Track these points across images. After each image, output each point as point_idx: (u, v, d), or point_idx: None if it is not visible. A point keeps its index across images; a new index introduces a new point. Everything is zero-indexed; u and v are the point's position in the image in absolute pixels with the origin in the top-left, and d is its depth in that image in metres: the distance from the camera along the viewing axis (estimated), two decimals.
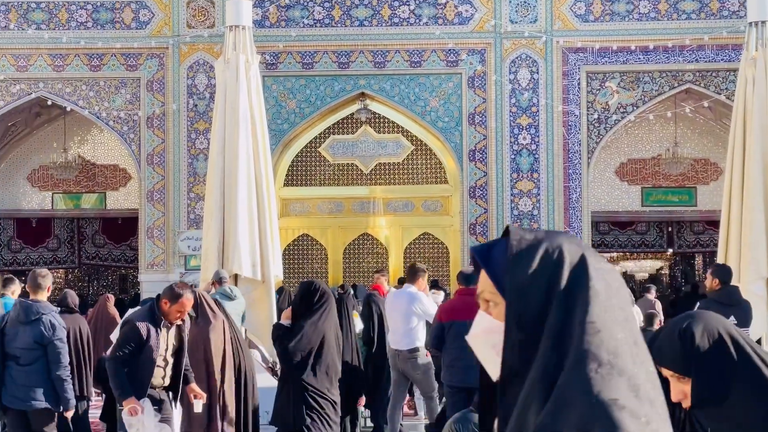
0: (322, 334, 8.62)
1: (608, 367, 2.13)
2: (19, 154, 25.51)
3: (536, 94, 22.03)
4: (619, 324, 2.19)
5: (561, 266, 2.22)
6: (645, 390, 2.15)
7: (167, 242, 22.09)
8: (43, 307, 8.79)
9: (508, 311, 2.30)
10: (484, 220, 22.15)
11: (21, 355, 8.61)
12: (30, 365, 8.60)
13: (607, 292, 2.21)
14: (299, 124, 22.64)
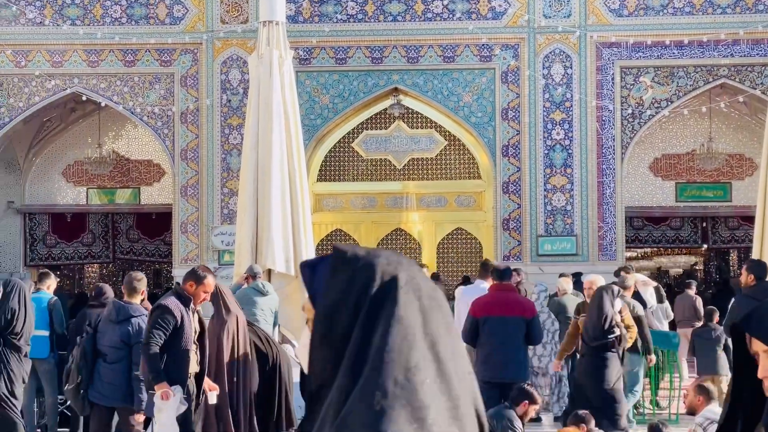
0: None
1: (392, 398, 2.05)
2: (55, 149, 25.69)
3: (570, 89, 21.92)
4: (421, 351, 2.11)
5: (369, 288, 2.16)
6: (435, 421, 2.06)
7: (201, 237, 22.18)
8: (135, 310, 9.01)
9: (315, 328, 2.26)
10: (518, 215, 22.08)
11: (108, 352, 8.85)
12: (115, 363, 8.83)
13: (413, 318, 2.13)
14: (332, 119, 22.66)
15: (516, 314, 9.98)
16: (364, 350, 2.14)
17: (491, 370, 9.99)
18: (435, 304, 2.19)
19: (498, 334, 9.93)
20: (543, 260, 21.76)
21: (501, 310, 10.03)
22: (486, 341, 10.02)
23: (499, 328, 9.95)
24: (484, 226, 24.09)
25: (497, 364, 9.94)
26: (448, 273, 24.24)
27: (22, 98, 22.46)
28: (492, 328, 9.98)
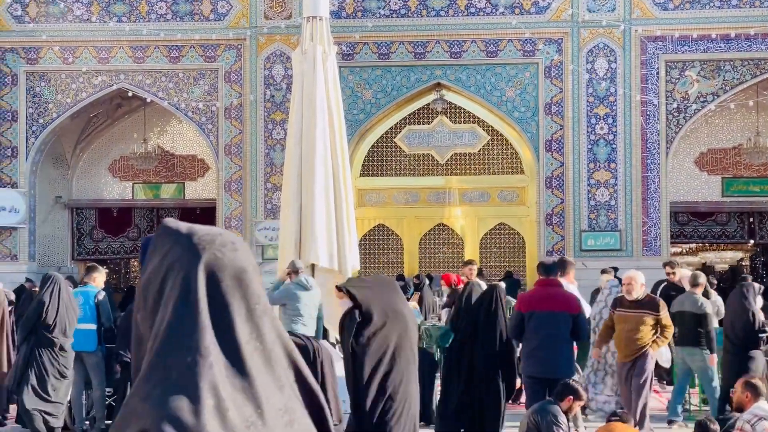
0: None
1: (175, 379, 2.03)
2: (101, 144, 25.95)
3: (614, 83, 21.81)
4: (210, 333, 2.07)
5: (175, 265, 2.14)
6: (220, 405, 2.03)
7: (245, 232, 22.31)
8: None
9: (135, 301, 2.27)
10: (561, 210, 22.01)
11: None
12: None
13: (205, 299, 2.10)
14: (375, 114, 22.69)
15: (562, 309, 9.94)
16: (157, 327, 2.13)
17: (536, 365, 9.95)
18: (238, 285, 2.14)
19: (543, 329, 9.89)
20: (586, 255, 21.66)
21: (547, 305, 9.99)
22: (531, 336, 9.98)
23: (545, 323, 9.91)
24: (527, 221, 24.04)
25: (542, 360, 9.90)
26: (491, 268, 24.21)
27: (70, 94, 22.70)
28: (537, 323, 9.94)
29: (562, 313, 9.96)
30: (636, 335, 10.58)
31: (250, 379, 2.08)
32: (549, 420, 8.03)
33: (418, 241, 24.66)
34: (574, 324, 9.95)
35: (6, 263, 22.38)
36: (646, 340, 10.58)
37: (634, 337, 10.59)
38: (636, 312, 10.62)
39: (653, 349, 10.74)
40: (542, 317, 9.96)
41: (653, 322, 10.62)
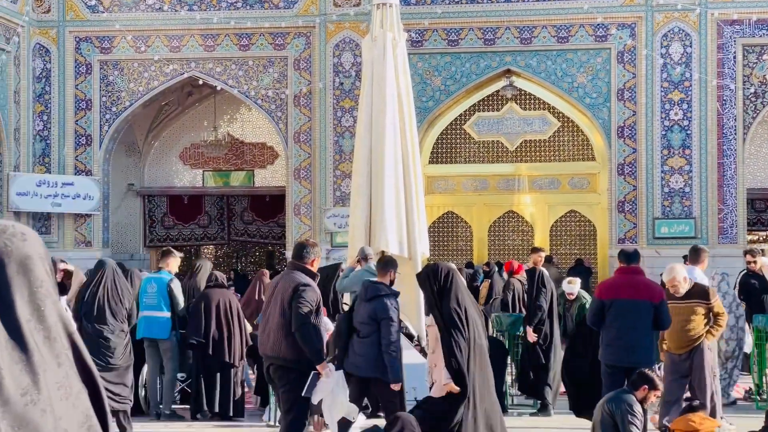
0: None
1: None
2: (172, 132, 26.21)
3: (689, 68, 21.44)
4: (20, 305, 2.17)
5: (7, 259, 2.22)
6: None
7: (314, 219, 22.37)
8: (382, 289, 9.46)
9: None
10: (633, 197, 21.72)
11: (361, 328, 9.31)
12: (366, 338, 9.28)
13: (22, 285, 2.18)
14: (444, 101, 22.58)
15: (644, 298, 9.76)
16: None
17: (616, 354, 9.78)
18: (23, 270, 2.20)
19: (625, 317, 9.72)
20: (659, 243, 21.37)
21: (629, 293, 9.81)
22: (612, 324, 9.80)
23: (627, 311, 9.74)
24: (598, 209, 23.80)
25: (622, 348, 9.73)
26: (561, 256, 24.02)
27: (142, 83, 22.93)
28: (618, 311, 9.76)
29: (643, 301, 9.77)
30: (688, 326, 10.28)
31: (29, 354, 2.18)
32: (624, 409, 7.91)
33: (487, 229, 24.55)
34: (656, 313, 9.76)
35: (81, 250, 22.71)
36: (699, 331, 10.26)
37: (686, 328, 10.28)
38: (686, 302, 10.30)
39: (708, 339, 10.40)
40: (623, 305, 9.79)
41: (705, 311, 10.29)
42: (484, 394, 7.73)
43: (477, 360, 7.74)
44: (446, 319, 7.72)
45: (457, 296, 7.85)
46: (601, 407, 8.14)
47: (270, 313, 8.52)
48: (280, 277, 8.75)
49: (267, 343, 8.44)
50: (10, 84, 22.10)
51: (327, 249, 22.15)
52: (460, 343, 7.62)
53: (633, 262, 10.18)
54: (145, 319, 12.42)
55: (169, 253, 13.05)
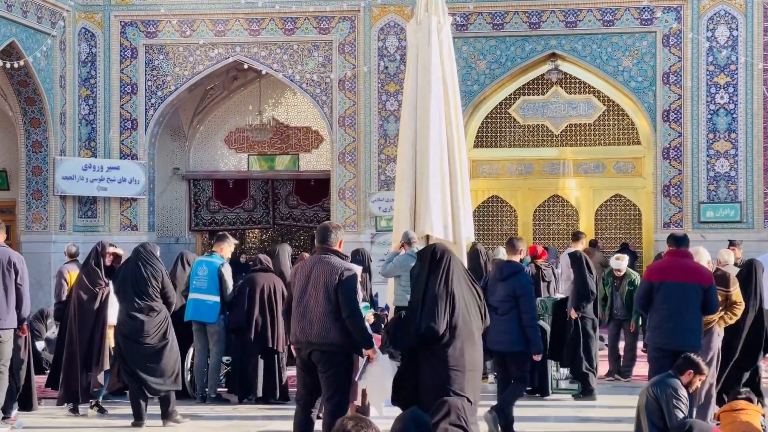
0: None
1: None
2: (217, 117, 26.37)
3: (735, 51, 21.25)
4: None
5: None
6: None
7: (358, 203, 22.44)
8: (516, 267, 10.15)
9: None
10: (678, 181, 21.59)
11: (499, 306, 9.89)
12: (506, 314, 9.85)
13: None
14: (489, 85, 22.54)
15: (693, 281, 9.72)
16: None
17: (663, 336, 9.75)
18: None
19: (672, 300, 9.69)
20: (705, 227, 21.24)
21: (677, 275, 9.78)
22: (659, 307, 9.78)
23: (675, 293, 9.70)
24: (643, 193, 23.67)
25: (670, 331, 9.69)
26: (606, 240, 23.94)
27: (187, 67, 23.08)
28: (667, 293, 9.73)
29: (692, 284, 9.74)
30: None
31: None
32: (669, 393, 7.91)
33: (532, 213, 24.51)
34: (705, 296, 9.72)
35: (127, 233, 22.94)
36: (714, 317, 10.14)
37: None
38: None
39: (719, 326, 10.30)
40: (671, 287, 9.76)
41: (722, 298, 10.16)
42: (471, 378, 7.90)
43: (466, 344, 7.87)
44: (428, 301, 7.85)
45: (445, 279, 7.93)
46: (646, 391, 8.14)
47: (310, 300, 8.32)
48: (313, 263, 8.45)
49: (310, 330, 8.25)
50: (55, 68, 22.34)
51: (372, 233, 22.23)
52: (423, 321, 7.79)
53: (682, 245, 10.14)
54: (193, 301, 12.52)
55: (224, 237, 13.05)
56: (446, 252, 8.13)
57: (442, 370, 7.83)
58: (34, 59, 21.44)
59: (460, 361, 7.85)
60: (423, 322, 7.84)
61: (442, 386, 7.76)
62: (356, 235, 22.01)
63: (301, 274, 8.43)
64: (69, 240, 19.89)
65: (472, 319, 7.99)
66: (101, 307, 11.49)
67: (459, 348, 7.85)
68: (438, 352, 7.87)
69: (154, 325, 10.79)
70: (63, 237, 22.12)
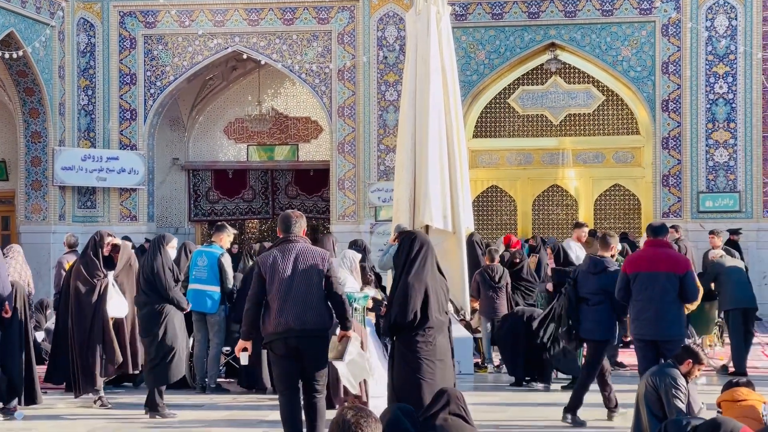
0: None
1: None
2: (216, 107, 26.35)
3: (734, 41, 21.24)
4: None
5: None
6: None
7: (358, 193, 22.45)
8: (608, 263, 10.51)
9: None
10: (678, 171, 21.60)
11: (590, 298, 10.35)
12: (597, 305, 10.31)
13: None
14: (488, 75, 22.53)
15: (667, 270, 9.76)
16: None
17: (642, 327, 9.83)
18: None
19: (648, 290, 9.77)
20: (704, 217, 21.27)
21: (651, 265, 9.83)
22: (637, 298, 9.88)
23: (649, 284, 9.77)
24: (642, 183, 23.69)
25: (648, 322, 9.77)
26: (606, 230, 23.93)
27: (186, 57, 23.07)
28: (642, 284, 9.82)
29: (666, 273, 9.78)
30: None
31: None
32: (668, 383, 7.93)
33: (531, 203, 24.51)
34: (681, 284, 9.76)
35: (126, 224, 22.95)
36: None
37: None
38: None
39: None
40: (646, 278, 9.82)
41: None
42: (441, 367, 8.12)
43: (437, 334, 8.08)
44: (400, 287, 8.12)
45: (419, 269, 8.16)
46: (645, 381, 8.16)
47: (291, 287, 8.18)
48: (296, 252, 8.30)
49: (304, 317, 8.15)
50: (54, 59, 22.32)
51: (371, 223, 22.25)
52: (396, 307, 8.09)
53: (659, 235, 10.18)
54: (193, 292, 12.48)
55: (223, 228, 12.97)
56: (423, 242, 8.33)
57: (412, 360, 8.05)
58: (33, 49, 21.43)
59: (430, 352, 8.06)
60: (393, 310, 8.10)
61: (412, 375, 7.95)
62: (356, 225, 22.04)
63: (284, 264, 8.26)
64: (68, 230, 19.90)
65: (442, 309, 8.20)
66: (99, 299, 11.26)
67: (429, 338, 8.08)
68: (408, 341, 8.08)
69: (147, 317, 10.88)
70: (62, 227, 22.14)
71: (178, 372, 10.94)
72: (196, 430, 10.25)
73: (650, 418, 7.95)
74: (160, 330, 10.77)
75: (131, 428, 10.33)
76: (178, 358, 10.87)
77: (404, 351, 8.09)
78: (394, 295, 8.25)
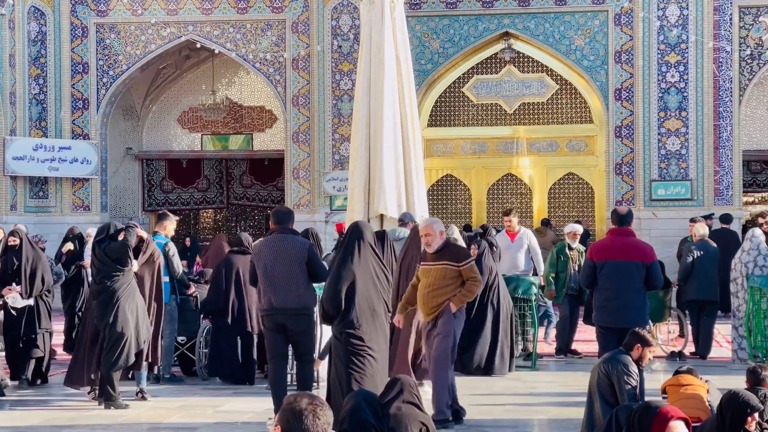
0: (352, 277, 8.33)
1: None
2: (170, 96, 26.18)
3: (686, 30, 21.43)
4: None
5: None
6: None
7: (312, 183, 22.42)
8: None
9: None
10: (630, 159, 21.78)
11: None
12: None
13: None
14: (443, 64, 22.58)
15: (635, 259, 9.85)
16: None
17: (608, 315, 9.90)
18: None
19: (615, 278, 9.82)
20: (656, 205, 21.47)
21: (619, 254, 9.91)
22: (603, 286, 9.92)
23: (617, 272, 9.83)
24: (596, 171, 23.86)
25: (614, 309, 9.84)
26: (559, 218, 24.10)
27: (139, 46, 22.90)
28: (610, 272, 9.87)
29: (634, 262, 9.87)
30: (436, 290, 9.31)
31: None
32: (620, 369, 8.00)
33: (486, 191, 24.62)
34: (647, 273, 9.86)
35: (79, 214, 22.76)
36: (449, 296, 9.30)
37: (433, 293, 9.31)
38: (436, 264, 9.33)
39: (454, 304, 9.26)
40: (615, 266, 9.89)
41: (455, 274, 9.30)
42: (371, 362, 8.32)
43: (368, 327, 8.23)
44: (331, 276, 8.48)
45: (349, 259, 8.39)
46: (597, 368, 8.23)
47: (274, 271, 9.28)
48: (279, 241, 9.45)
49: (286, 297, 9.17)
50: (5, 47, 22.06)
51: (326, 212, 22.22)
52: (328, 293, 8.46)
53: (625, 223, 10.25)
54: None
55: (165, 216, 12.81)
56: (359, 233, 8.54)
57: (341, 350, 8.27)
58: None
59: (359, 341, 8.23)
60: (323, 299, 8.37)
61: (340, 365, 8.06)
62: (311, 215, 22.01)
63: (267, 251, 9.42)
64: (20, 221, 19.69)
65: (378, 301, 8.23)
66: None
67: (358, 328, 8.22)
68: (339, 331, 8.31)
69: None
70: (14, 218, 21.89)
71: (129, 359, 10.85)
72: (150, 419, 10.21)
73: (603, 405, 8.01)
74: (110, 317, 10.71)
75: (86, 418, 10.28)
76: (129, 345, 10.77)
77: (336, 342, 8.40)
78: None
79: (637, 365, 8.12)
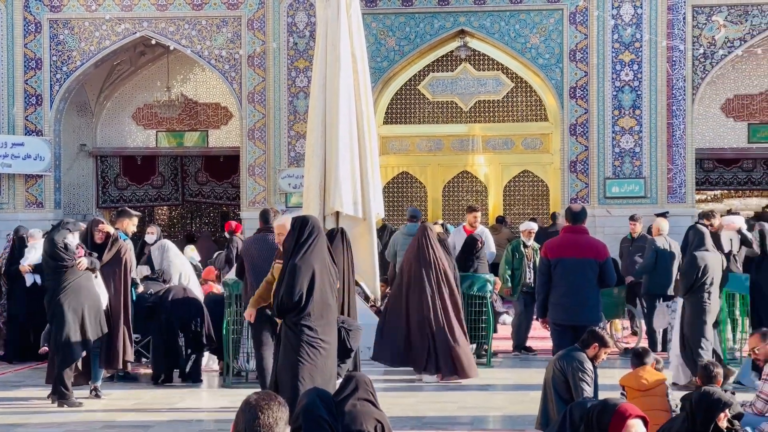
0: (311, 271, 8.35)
1: None
2: (125, 93, 25.98)
3: (639, 29, 21.61)
4: None
5: None
6: None
7: (268, 180, 22.36)
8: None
9: None
10: (585, 157, 21.93)
11: None
12: None
13: None
14: (398, 62, 22.60)
15: (589, 256, 9.92)
16: None
17: (562, 312, 9.98)
18: None
19: (570, 276, 9.89)
20: (611, 203, 21.64)
21: (573, 252, 9.98)
22: (558, 283, 9.99)
23: (571, 270, 9.91)
24: (551, 169, 23.99)
25: (568, 307, 9.92)
26: (515, 215, 24.22)
27: (93, 42, 22.70)
28: (564, 270, 9.95)
29: (588, 260, 9.95)
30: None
31: None
32: (575, 366, 8.06)
33: (441, 189, 24.68)
34: (601, 271, 9.94)
35: (32, 211, 22.55)
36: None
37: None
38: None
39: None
40: (569, 264, 9.96)
41: None
42: (324, 355, 8.27)
43: (322, 320, 8.22)
44: (288, 269, 8.25)
45: (307, 252, 8.29)
46: (552, 365, 8.28)
47: (258, 266, 10.38)
48: (263, 239, 10.96)
49: (257, 290, 9.52)
50: None
51: (282, 209, 22.16)
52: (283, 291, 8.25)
53: (579, 221, 10.32)
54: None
55: (124, 213, 12.58)
56: (314, 227, 8.51)
57: (294, 342, 8.17)
58: None
59: (313, 335, 8.19)
60: (280, 292, 8.24)
61: (292, 356, 8.04)
62: None
63: (254, 247, 10.85)
64: None
65: (332, 295, 8.24)
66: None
67: (314, 321, 8.19)
68: (293, 323, 8.22)
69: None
70: None
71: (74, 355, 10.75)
72: (103, 419, 10.14)
73: (557, 401, 8.07)
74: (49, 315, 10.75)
75: (38, 418, 10.19)
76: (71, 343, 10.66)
77: (288, 332, 8.26)
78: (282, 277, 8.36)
79: (592, 363, 8.19)
